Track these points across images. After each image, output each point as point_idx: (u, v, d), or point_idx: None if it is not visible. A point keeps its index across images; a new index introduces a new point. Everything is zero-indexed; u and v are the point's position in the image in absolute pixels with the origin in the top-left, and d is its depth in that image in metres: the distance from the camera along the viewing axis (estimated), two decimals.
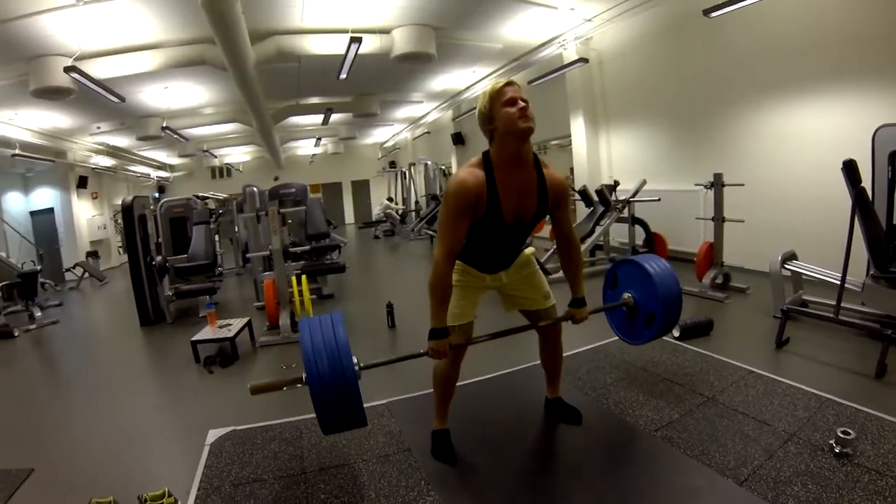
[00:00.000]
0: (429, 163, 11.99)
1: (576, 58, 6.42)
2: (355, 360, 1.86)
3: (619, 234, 6.16)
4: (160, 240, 5.91)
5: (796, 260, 3.38)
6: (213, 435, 2.59)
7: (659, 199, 5.27)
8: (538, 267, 2.22)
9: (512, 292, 2.17)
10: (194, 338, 3.93)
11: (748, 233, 4.45)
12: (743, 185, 4.17)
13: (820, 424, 2.15)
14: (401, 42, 5.96)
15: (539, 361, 2.43)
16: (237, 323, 4.18)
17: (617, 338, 3.29)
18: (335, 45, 5.79)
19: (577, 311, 2.12)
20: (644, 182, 5.43)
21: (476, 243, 1.95)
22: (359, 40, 5.15)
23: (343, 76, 6.41)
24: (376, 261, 9.66)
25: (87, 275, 9.04)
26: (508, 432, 2.38)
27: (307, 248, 5.64)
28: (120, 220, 9.60)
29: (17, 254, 8.14)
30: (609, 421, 2.41)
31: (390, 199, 13.36)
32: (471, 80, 9.00)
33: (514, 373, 3.04)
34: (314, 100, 9.65)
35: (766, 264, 3.59)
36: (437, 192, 11.15)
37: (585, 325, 2.35)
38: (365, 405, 2.66)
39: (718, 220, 4.24)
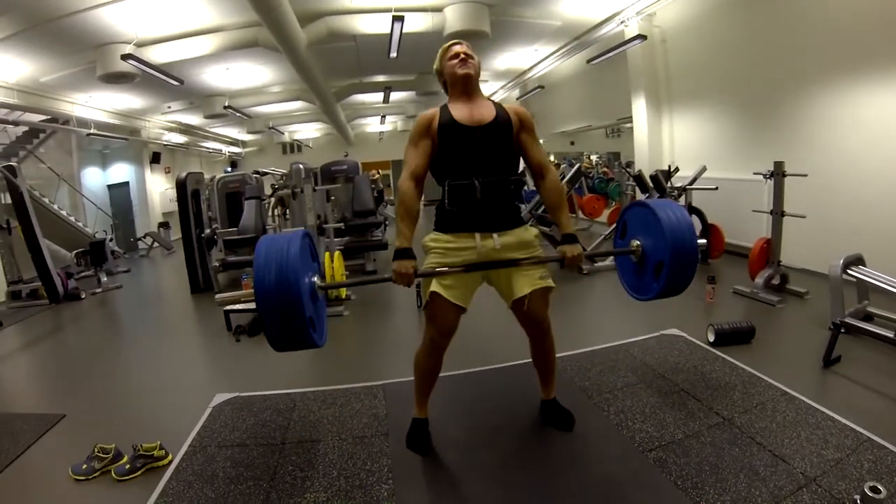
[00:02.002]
0: None
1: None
2: (316, 280, 1.84)
3: None
4: (210, 213, 6.27)
5: (863, 265, 2.89)
6: (218, 398, 2.73)
7: (716, 188, 4.79)
8: (540, 251, 2.02)
9: (505, 275, 1.96)
10: (227, 307, 4.14)
11: (814, 230, 3.92)
12: (806, 175, 3.65)
13: (850, 471, 1.75)
14: (453, 20, 5.84)
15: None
16: None
17: (640, 338, 3.13)
18: (388, 24, 5.76)
19: (568, 247, 1.90)
20: (704, 169, 4.95)
21: (450, 173, 1.91)
22: (401, 19, 5.08)
23: (393, 55, 6.38)
24: None
25: (155, 244, 9.88)
26: (491, 430, 2.25)
27: (340, 225, 5.72)
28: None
29: (94, 224, 9.06)
30: (603, 431, 2.19)
31: None
32: (534, 58, 8.70)
33: (515, 367, 2.83)
34: (379, 78, 9.74)
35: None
36: None
37: (608, 321, 2.18)
38: (361, 384, 2.78)
39: (777, 213, 3.75)
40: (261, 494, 1.90)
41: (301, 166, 6.20)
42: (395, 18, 5.06)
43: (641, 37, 5.83)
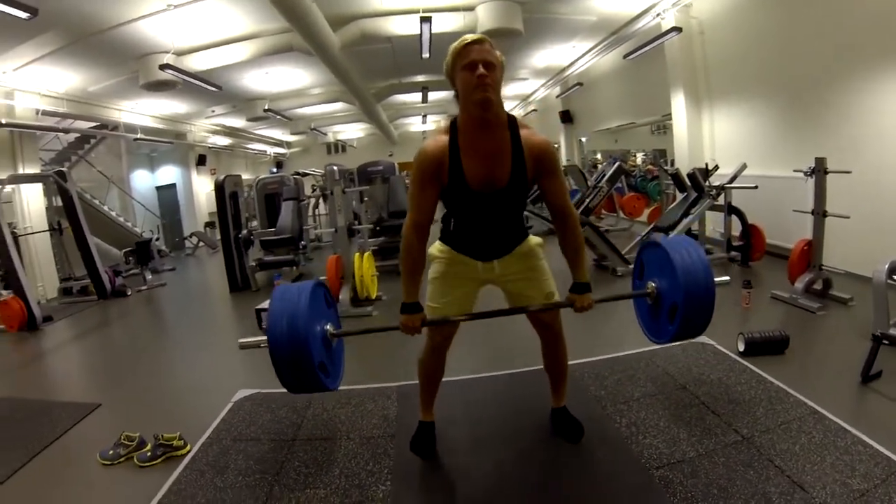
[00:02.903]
0: None
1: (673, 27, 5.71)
2: (328, 328, 1.91)
3: (718, 223, 5.44)
4: (247, 214, 6.50)
5: None
6: (240, 394, 2.84)
7: (756, 187, 4.52)
8: (543, 261, 1.96)
9: (510, 288, 1.96)
10: (258, 306, 4.26)
11: (860, 230, 3.64)
12: (850, 172, 3.37)
13: None
14: (485, 19, 5.82)
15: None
16: None
17: (666, 346, 2.97)
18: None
19: (578, 297, 1.82)
20: (744, 166, 4.69)
21: (456, 218, 1.85)
22: (429, 20, 5.11)
23: (426, 55, 6.44)
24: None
25: (201, 243, 10.31)
26: (497, 437, 2.23)
27: (370, 226, 5.81)
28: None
29: (142, 224, 9.59)
30: (610, 444, 2.10)
31: None
32: (572, 55, 8.56)
33: (528, 373, 2.77)
34: (419, 78, 9.83)
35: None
36: None
37: (636, 326, 2.11)
38: (377, 385, 2.80)
39: (818, 213, 3.49)
40: (265, 487, 1.97)
41: (335, 168, 6.34)
42: (422, 20, 5.09)
43: (676, 29, 5.60)
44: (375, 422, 2.44)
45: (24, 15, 3.78)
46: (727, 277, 1.99)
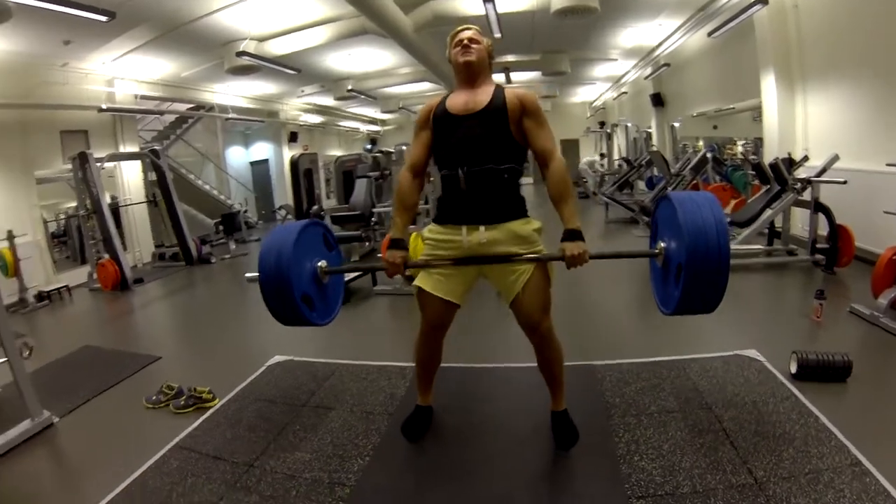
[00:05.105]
0: (629, 125, 11.18)
1: None
2: (320, 264, 1.96)
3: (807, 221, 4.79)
4: (319, 190, 6.86)
5: None
6: (274, 359, 3.09)
7: (845, 182, 3.88)
8: (538, 246, 1.87)
9: (498, 273, 1.88)
10: None
11: None
12: None
13: None
14: None
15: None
16: None
17: (706, 355, 2.70)
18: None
19: (568, 245, 1.73)
20: (835, 157, 4.05)
21: (442, 164, 1.90)
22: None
23: (497, 35, 6.28)
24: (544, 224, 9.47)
25: (289, 215, 11.02)
26: (487, 432, 2.18)
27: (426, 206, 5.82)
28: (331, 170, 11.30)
29: (235, 196, 10.42)
30: (599, 461, 1.92)
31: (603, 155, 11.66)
32: (660, 34, 7.88)
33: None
34: (508, 58, 9.62)
35: None
36: (633, 158, 10.07)
37: (683, 327, 1.99)
38: (396, 363, 2.89)
39: None
40: (264, 443, 2.18)
41: (404, 147, 6.48)
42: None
43: (762, 1, 4.95)
44: (381, 399, 2.53)
45: (102, 18, 4.29)
46: (759, 245, 1.72)
